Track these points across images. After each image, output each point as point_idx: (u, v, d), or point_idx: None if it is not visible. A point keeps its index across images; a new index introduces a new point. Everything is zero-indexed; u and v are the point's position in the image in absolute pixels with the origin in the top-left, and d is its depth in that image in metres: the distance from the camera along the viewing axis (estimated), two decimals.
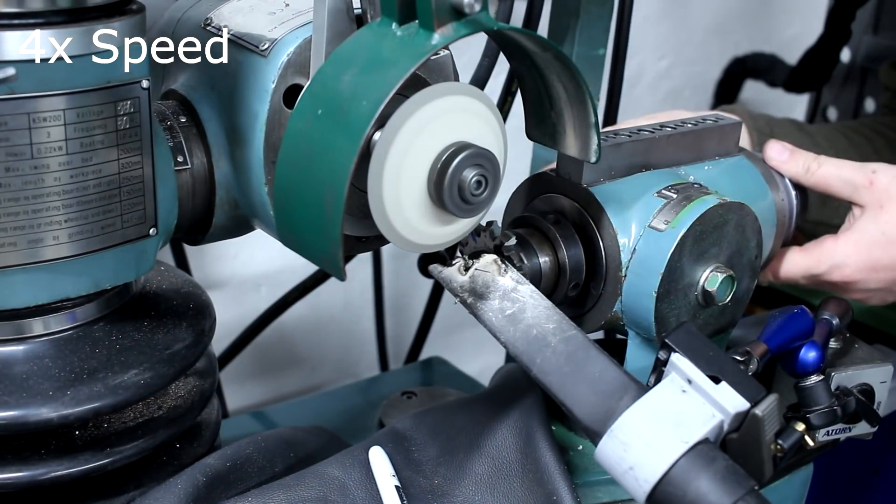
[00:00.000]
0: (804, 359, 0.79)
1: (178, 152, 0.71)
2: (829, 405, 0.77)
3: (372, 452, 0.75)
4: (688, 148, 0.86)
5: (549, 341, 0.69)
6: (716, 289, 0.77)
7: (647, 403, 0.64)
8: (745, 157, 0.90)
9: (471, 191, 0.64)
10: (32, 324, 0.68)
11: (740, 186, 0.86)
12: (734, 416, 0.64)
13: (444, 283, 0.74)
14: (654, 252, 0.76)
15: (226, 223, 0.75)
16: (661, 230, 0.76)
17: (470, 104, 0.65)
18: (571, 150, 0.73)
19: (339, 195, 0.60)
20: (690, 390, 0.64)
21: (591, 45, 0.88)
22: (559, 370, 0.68)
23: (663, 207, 0.78)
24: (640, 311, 0.77)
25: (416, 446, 0.77)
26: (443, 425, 0.79)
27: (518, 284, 0.72)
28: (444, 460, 0.76)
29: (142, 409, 0.72)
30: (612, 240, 0.78)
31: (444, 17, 0.60)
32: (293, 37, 0.69)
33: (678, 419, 0.63)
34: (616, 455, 0.63)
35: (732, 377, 0.65)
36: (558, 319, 0.70)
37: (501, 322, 0.71)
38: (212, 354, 0.81)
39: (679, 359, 0.66)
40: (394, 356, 1.50)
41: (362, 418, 1.02)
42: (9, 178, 0.61)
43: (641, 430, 0.62)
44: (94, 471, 0.69)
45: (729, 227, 0.79)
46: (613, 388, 0.65)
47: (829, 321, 0.84)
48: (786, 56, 1.73)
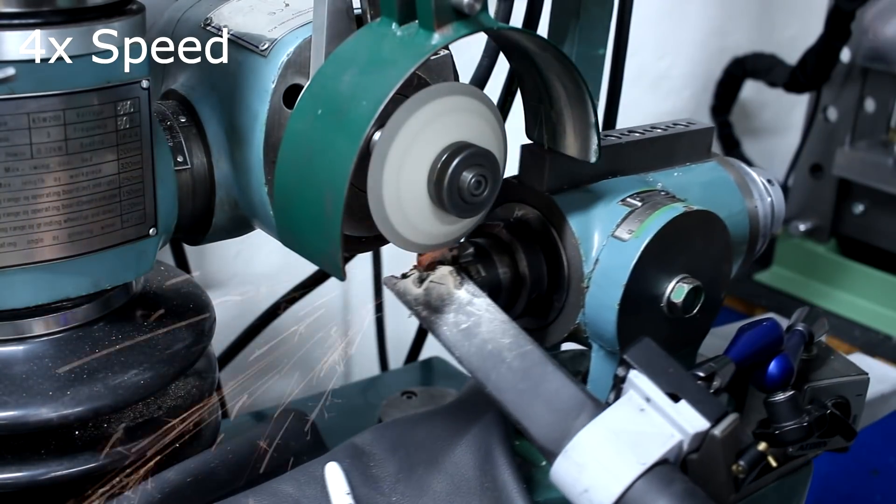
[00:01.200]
0: (772, 373, 0.77)
1: (178, 152, 0.71)
2: (798, 421, 0.73)
3: (328, 468, 0.73)
4: (657, 154, 0.83)
5: (504, 357, 0.66)
6: (682, 300, 0.74)
7: (603, 423, 0.61)
8: (717, 163, 0.87)
9: (470, 191, 0.64)
10: (32, 324, 0.68)
11: (711, 193, 0.83)
12: (693, 437, 0.61)
13: (398, 296, 0.71)
14: (616, 262, 0.73)
15: (226, 223, 0.75)
16: (624, 240, 0.74)
17: (470, 104, 0.65)
18: (571, 150, 0.73)
19: (339, 195, 0.60)
20: (649, 409, 0.62)
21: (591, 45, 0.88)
22: (514, 387, 0.65)
23: (627, 216, 0.75)
24: (602, 324, 0.75)
25: (374, 462, 0.75)
26: (403, 440, 0.77)
27: (474, 297, 0.70)
28: (402, 476, 0.74)
29: (142, 409, 0.72)
30: (574, 250, 0.75)
31: (444, 17, 0.60)
32: (293, 37, 0.69)
33: (636, 439, 0.60)
34: (570, 476, 0.61)
35: (692, 395, 0.62)
36: (515, 334, 0.68)
37: (456, 336, 0.68)
38: (212, 354, 0.81)
39: (637, 376, 0.63)
40: (394, 356, 1.49)
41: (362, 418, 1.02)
42: (9, 178, 0.61)
43: (597, 451, 0.60)
44: (94, 471, 0.69)
45: (696, 237, 0.76)
46: (570, 406, 0.63)
47: (801, 332, 0.82)
48: (786, 56, 1.72)
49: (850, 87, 1.61)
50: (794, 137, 1.78)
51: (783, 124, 2.00)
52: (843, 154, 1.62)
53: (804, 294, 1.66)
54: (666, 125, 0.86)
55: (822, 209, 1.68)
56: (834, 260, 1.68)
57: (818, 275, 1.68)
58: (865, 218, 1.66)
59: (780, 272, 1.72)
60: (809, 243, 1.70)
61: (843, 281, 1.65)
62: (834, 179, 1.65)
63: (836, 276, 1.66)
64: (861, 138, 1.63)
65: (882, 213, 1.63)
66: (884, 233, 1.64)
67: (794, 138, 1.79)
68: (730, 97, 1.82)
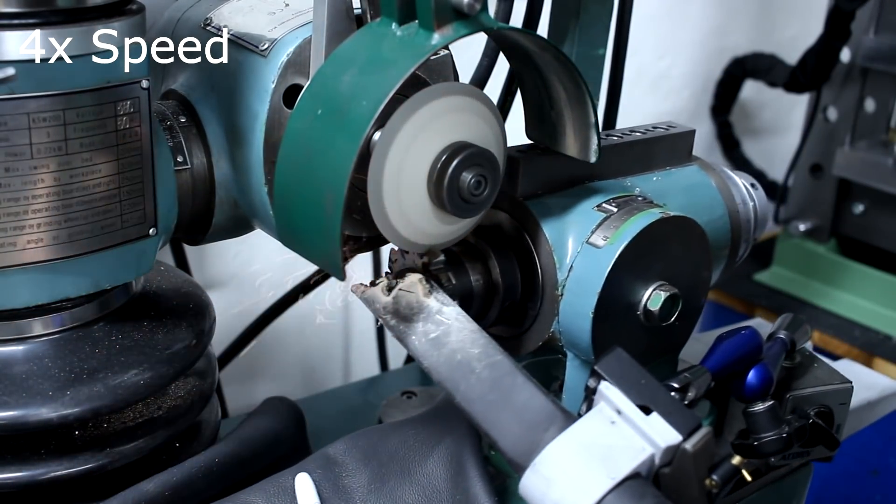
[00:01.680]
0: (750, 383, 0.75)
1: (178, 152, 0.71)
2: (779, 432, 0.72)
3: (298, 480, 0.73)
4: (636, 158, 0.81)
5: (473, 367, 0.65)
6: (659, 308, 0.72)
7: (573, 435, 0.60)
8: (698, 167, 0.86)
9: (470, 191, 0.64)
10: (32, 324, 0.68)
11: (691, 198, 0.82)
12: (665, 450, 0.59)
13: (366, 304, 0.70)
14: (591, 270, 0.72)
15: (226, 223, 0.75)
16: (599, 246, 0.72)
17: (470, 104, 0.65)
18: (571, 150, 0.73)
19: (339, 195, 0.60)
20: (620, 421, 0.60)
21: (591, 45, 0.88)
22: (483, 398, 0.64)
23: (602, 222, 0.73)
24: (576, 333, 0.73)
25: (346, 472, 0.74)
26: (376, 450, 0.76)
27: (443, 306, 0.68)
28: (374, 487, 0.73)
29: (142, 409, 0.72)
30: (548, 256, 0.74)
31: (444, 17, 0.60)
32: (293, 37, 0.69)
33: (606, 453, 0.59)
34: (539, 491, 0.59)
35: (664, 407, 0.60)
36: (484, 344, 0.66)
37: (425, 346, 0.67)
38: (212, 354, 0.81)
39: (608, 387, 0.61)
40: (394, 356, 1.49)
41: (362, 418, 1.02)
42: (9, 178, 0.61)
43: (566, 465, 0.59)
44: (94, 471, 0.69)
45: (673, 243, 0.74)
46: (539, 418, 0.61)
47: (783, 340, 0.81)
48: (786, 56, 1.72)
49: (850, 87, 1.61)
50: (794, 137, 1.77)
51: (783, 124, 2.00)
52: (843, 154, 1.62)
53: (804, 294, 1.66)
54: (646, 128, 0.85)
55: (822, 209, 1.68)
56: (834, 260, 1.68)
57: (818, 275, 1.68)
58: (865, 218, 1.65)
59: (780, 272, 1.72)
60: (809, 243, 1.70)
61: (843, 281, 1.65)
62: (834, 179, 1.65)
63: (836, 276, 1.66)
64: (861, 138, 1.63)
65: (882, 213, 1.63)
66: (884, 233, 1.64)
67: (794, 138, 1.79)
68: (730, 97, 1.82)
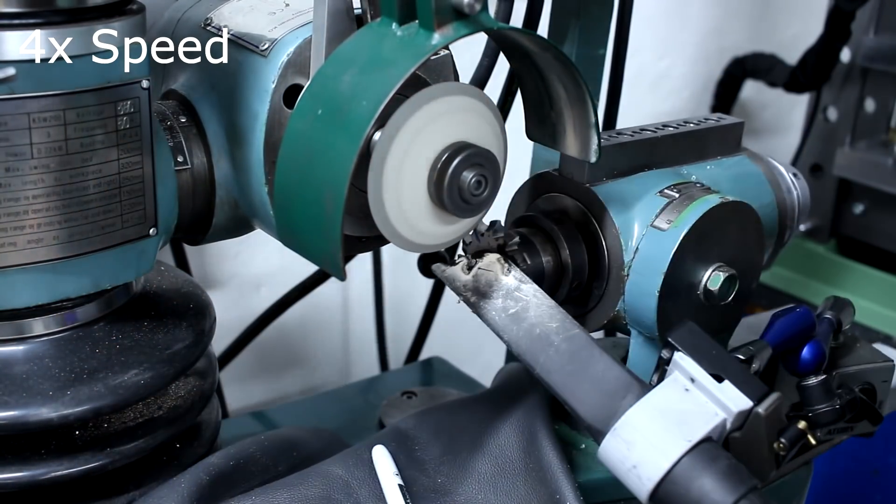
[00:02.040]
0: (805, 358, 0.79)
1: (178, 152, 0.71)
2: (831, 404, 0.76)
3: (375, 451, 0.75)
4: (690, 147, 0.86)
5: (552, 340, 0.69)
6: (718, 288, 0.77)
7: (650, 402, 0.64)
8: (746, 157, 0.90)
9: (471, 191, 0.64)
10: (32, 324, 0.68)
11: (742, 186, 0.86)
12: (737, 415, 0.64)
13: (447, 282, 0.74)
14: (656, 251, 0.76)
15: (226, 223, 0.75)
16: (663, 229, 0.76)
17: (470, 104, 0.65)
18: (571, 150, 0.73)
19: (339, 195, 0.60)
20: (693, 389, 0.64)
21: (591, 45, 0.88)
22: (562, 369, 0.68)
23: (666, 207, 0.78)
24: (642, 311, 0.77)
25: (419, 445, 0.77)
26: (445, 424, 0.79)
27: (521, 283, 0.72)
28: (447, 459, 0.76)
29: (142, 409, 0.72)
30: (614, 239, 0.78)
31: (444, 17, 0.60)
32: (293, 37, 0.69)
33: (681, 418, 0.63)
34: (619, 454, 0.63)
35: (735, 376, 0.65)
36: (561, 318, 0.70)
37: (505, 321, 0.71)
38: (212, 354, 0.81)
39: (682, 357, 0.66)
40: (394, 356, 1.50)
41: (362, 418, 1.02)
42: (9, 178, 0.61)
43: (644, 429, 0.63)
44: (94, 471, 0.69)
45: (731, 227, 0.79)
46: (616, 387, 0.66)
47: (830, 320, 0.84)
48: (786, 56, 1.72)
49: (850, 87, 1.61)
50: (794, 137, 1.78)
51: (783, 124, 2.00)
52: (843, 154, 1.62)
53: (804, 294, 1.66)
54: (698, 120, 0.89)
55: (822, 209, 1.68)
56: (834, 260, 1.68)
57: (818, 275, 1.68)
58: (865, 218, 1.66)
59: (780, 272, 1.72)
60: (809, 243, 1.70)
61: (843, 281, 1.65)
62: (834, 179, 1.65)
63: (836, 276, 1.66)
64: (861, 138, 1.63)
65: (882, 213, 1.63)
66: (884, 233, 1.64)
67: (794, 138, 1.79)
68: (730, 97, 1.82)
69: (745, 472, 0.61)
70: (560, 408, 0.76)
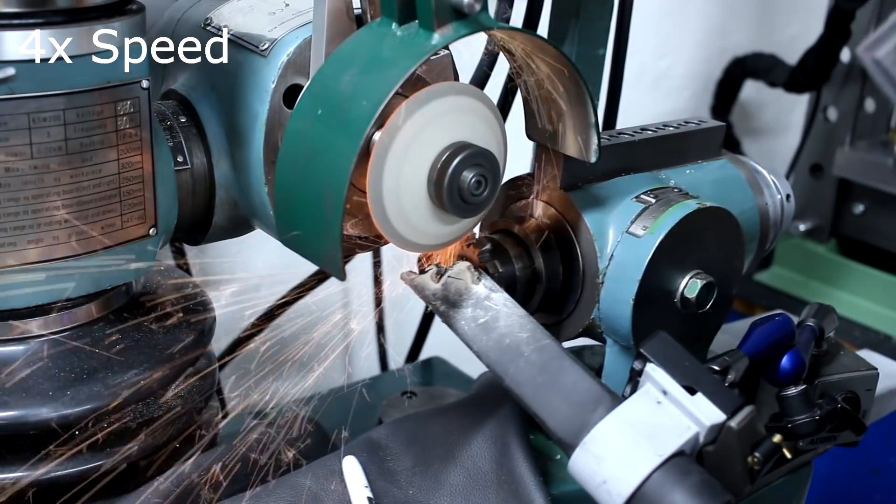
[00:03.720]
0: (784, 368, 0.77)
1: (178, 152, 0.71)
2: (811, 415, 0.75)
3: (345, 462, 0.74)
4: (669, 151, 0.84)
5: (522, 351, 0.67)
6: (695, 296, 0.75)
7: (620, 415, 0.62)
8: (728, 161, 0.89)
9: (470, 191, 0.64)
10: (32, 324, 0.68)
11: (722, 191, 0.85)
12: (710, 429, 0.62)
13: (416, 290, 0.73)
14: (631, 258, 0.74)
15: (226, 223, 0.75)
16: (639, 236, 0.75)
17: (470, 104, 0.65)
18: (571, 151, 0.73)
19: (339, 195, 0.60)
20: (665, 402, 0.63)
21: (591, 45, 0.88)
22: (532, 380, 0.66)
23: (642, 212, 0.76)
24: (617, 319, 0.76)
25: (391, 456, 0.76)
26: (418, 435, 0.77)
27: (491, 292, 0.71)
28: (419, 470, 0.75)
29: (142, 409, 0.72)
30: (589, 245, 0.76)
31: (444, 17, 0.60)
32: (293, 37, 0.69)
33: (653, 431, 0.61)
34: (589, 468, 0.62)
35: (708, 388, 0.63)
36: (532, 329, 0.69)
37: (474, 331, 0.70)
38: (212, 354, 0.81)
39: (654, 369, 0.64)
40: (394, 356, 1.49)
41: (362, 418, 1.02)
42: (9, 178, 0.61)
43: (615, 443, 0.61)
44: (94, 471, 0.69)
45: (709, 233, 0.77)
46: (587, 399, 0.64)
47: (812, 328, 0.83)
48: (786, 56, 1.72)
49: (850, 87, 1.61)
50: (794, 137, 1.78)
51: (783, 124, 2.00)
52: (843, 154, 1.62)
53: (804, 294, 1.66)
54: (678, 123, 0.87)
55: (822, 209, 1.68)
56: (834, 260, 1.68)
57: (818, 275, 1.68)
58: (865, 218, 1.66)
59: (780, 272, 1.72)
60: (809, 243, 1.70)
61: (843, 281, 1.65)
62: (834, 179, 1.65)
63: (836, 276, 1.66)
64: (861, 138, 1.63)
65: (882, 213, 1.63)
66: (884, 233, 1.64)
67: (794, 138, 1.79)
68: (730, 97, 1.82)
69: (717, 486, 0.60)
70: None
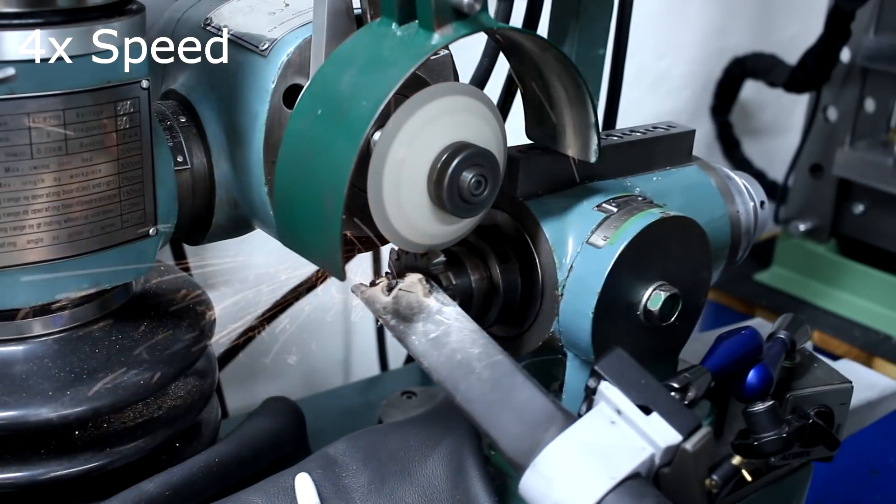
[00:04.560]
0: (750, 383, 0.75)
1: (178, 152, 0.71)
2: (778, 432, 0.72)
3: (298, 480, 0.73)
4: (636, 158, 0.81)
5: (473, 367, 0.65)
6: (658, 308, 0.73)
7: (573, 435, 0.60)
8: (698, 168, 0.86)
9: (470, 191, 0.64)
10: (32, 324, 0.68)
11: (691, 198, 0.82)
12: (665, 450, 0.60)
13: (366, 304, 0.70)
14: (591, 270, 0.72)
15: (226, 223, 0.75)
16: (599, 246, 0.72)
17: (470, 104, 0.65)
18: (571, 150, 0.73)
19: (339, 195, 0.60)
20: (620, 421, 0.61)
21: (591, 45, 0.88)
22: (484, 397, 0.64)
23: (603, 222, 0.73)
24: (577, 332, 0.73)
25: (347, 472, 0.74)
26: (376, 450, 0.76)
27: (443, 306, 0.68)
28: (374, 488, 0.73)
29: (142, 409, 0.72)
30: (548, 256, 0.74)
31: (444, 17, 0.60)
32: (293, 37, 0.69)
33: (606, 453, 0.59)
34: (538, 491, 0.59)
35: (664, 407, 0.61)
36: (484, 344, 0.66)
37: (425, 346, 0.67)
38: (212, 354, 0.81)
39: (608, 387, 0.62)
40: (394, 356, 1.49)
41: (362, 418, 1.02)
42: (9, 178, 0.61)
43: (566, 465, 0.59)
44: (94, 471, 0.69)
45: (673, 243, 0.74)
46: (539, 417, 0.61)
47: (783, 340, 0.81)
48: (786, 56, 1.72)
49: (850, 87, 1.61)
50: (794, 137, 1.77)
51: (783, 124, 2.00)
52: (843, 154, 1.62)
53: (804, 294, 1.66)
54: (646, 128, 0.85)
55: (822, 209, 1.68)
56: (834, 260, 1.68)
57: (818, 275, 1.68)
58: (865, 218, 1.65)
59: (780, 272, 1.72)
60: (809, 243, 1.70)
61: (843, 281, 1.65)
62: (834, 179, 1.65)
63: (836, 276, 1.66)
64: (861, 138, 1.63)
65: (882, 213, 1.63)
66: (884, 233, 1.64)
67: (794, 138, 1.79)
68: (730, 97, 1.82)
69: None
70: None
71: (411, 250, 0.67)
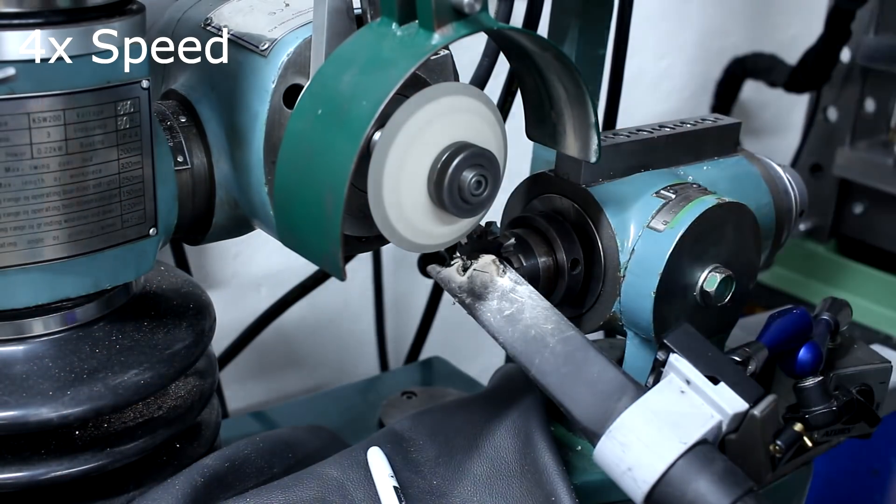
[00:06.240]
0: (802, 359, 0.79)
1: (178, 152, 0.71)
2: (828, 406, 0.77)
3: (370, 453, 0.75)
4: (686, 148, 0.86)
5: (547, 342, 0.69)
6: (714, 289, 0.77)
7: (645, 404, 0.64)
8: (744, 158, 0.90)
9: (471, 191, 0.64)
10: (32, 324, 0.68)
11: (739, 187, 0.86)
12: (732, 417, 0.64)
13: (442, 283, 0.74)
14: (652, 252, 0.76)
15: (226, 223, 0.75)
16: (659, 230, 0.76)
17: (470, 104, 0.65)
18: (571, 151, 0.73)
19: (339, 195, 0.60)
20: (689, 391, 0.65)
21: (591, 45, 0.88)
22: (557, 371, 0.68)
23: (662, 208, 0.78)
24: (638, 312, 0.77)
25: (414, 447, 0.77)
26: (441, 426, 0.79)
27: (516, 285, 0.72)
28: (442, 461, 0.76)
29: (142, 409, 0.72)
30: (610, 240, 0.78)
31: (444, 17, 0.60)
32: (293, 37, 0.69)
33: (676, 420, 0.63)
34: (614, 456, 0.63)
35: (731, 378, 0.65)
36: (557, 320, 0.70)
37: (500, 322, 0.71)
38: (212, 354, 0.81)
39: (678, 359, 0.66)
40: (394, 356, 1.50)
41: (362, 418, 1.02)
42: (9, 178, 0.61)
43: (640, 431, 0.63)
44: (94, 471, 0.69)
45: (728, 228, 0.79)
46: (612, 388, 0.66)
47: (827, 321, 0.84)
48: (786, 56, 1.72)
49: (850, 87, 1.61)
50: (794, 137, 1.78)
51: (783, 124, 2.00)
52: (843, 154, 1.62)
53: (804, 294, 1.66)
54: (695, 120, 0.89)
55: (822, 209, 1.68)
56: (834, 260, 1.68)
57: (818, 275, 1.68)
58: (865, 218, 1.65)
59: (780, 272, 1.72)
60: (809, 243, 1.70)
61: (843, 281, 1.65)
62: (834, 179, 1.65)
63: (836, 276, 1.66)
64: (861, 138, 1.63)
65: (882, 213, 1.63)
66: (884, 233, 1.64)
67: (794, 138, 1.79)
68: (730, 97, 1.82)
69: (741, 474, 0.61)
70: (556, 409, 0.76)
71: (411, 250, 0.67)
